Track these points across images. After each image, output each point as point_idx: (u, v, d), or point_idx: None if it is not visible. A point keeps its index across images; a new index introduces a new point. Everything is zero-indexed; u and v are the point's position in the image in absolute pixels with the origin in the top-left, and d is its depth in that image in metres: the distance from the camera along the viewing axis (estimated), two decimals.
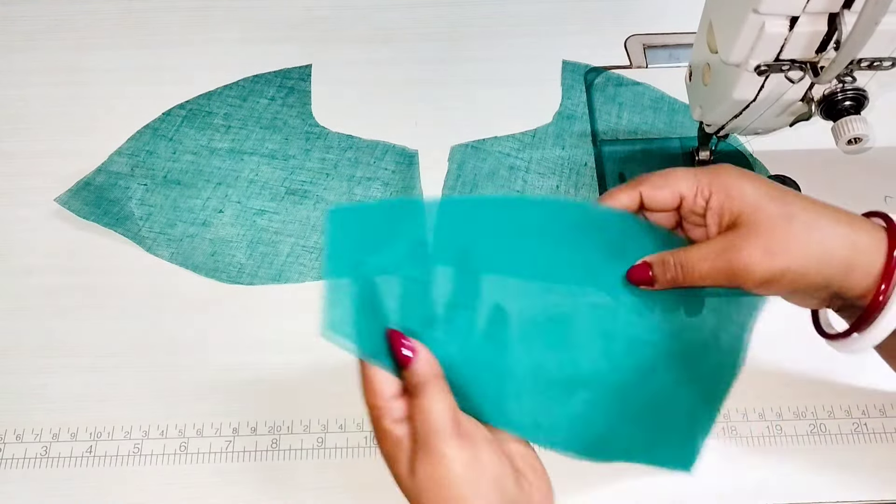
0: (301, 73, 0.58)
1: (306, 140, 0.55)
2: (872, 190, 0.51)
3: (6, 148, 0.55)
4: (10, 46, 0.60)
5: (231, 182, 0.53)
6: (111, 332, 0.49)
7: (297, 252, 0.51)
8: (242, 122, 0.56)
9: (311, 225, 0.52)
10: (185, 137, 0.55)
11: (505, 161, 0.54)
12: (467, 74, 0.58)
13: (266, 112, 0.56)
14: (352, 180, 0.54)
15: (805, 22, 0.35)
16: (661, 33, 0.59)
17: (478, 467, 0.31)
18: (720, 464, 0.44)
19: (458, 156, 0.54)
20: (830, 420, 0.45)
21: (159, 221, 0.52)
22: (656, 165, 0.53)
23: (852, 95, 0.38)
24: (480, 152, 0.54)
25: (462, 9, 0.61)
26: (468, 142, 0.54)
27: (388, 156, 0.54)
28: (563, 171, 0.54)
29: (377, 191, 0.53)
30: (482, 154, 0.54)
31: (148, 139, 0.55)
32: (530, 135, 0.55)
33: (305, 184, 0.53)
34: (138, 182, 0.53)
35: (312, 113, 0.56)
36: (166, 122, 0.56)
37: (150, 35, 0.60)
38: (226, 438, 0.45)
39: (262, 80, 0.58)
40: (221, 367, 0.47)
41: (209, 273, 0.50)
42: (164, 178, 0.53)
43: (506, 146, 0.54)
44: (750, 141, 0.54)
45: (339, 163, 0.54)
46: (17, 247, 0.51)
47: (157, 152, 0.55)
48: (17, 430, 0.46)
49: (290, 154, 0.55)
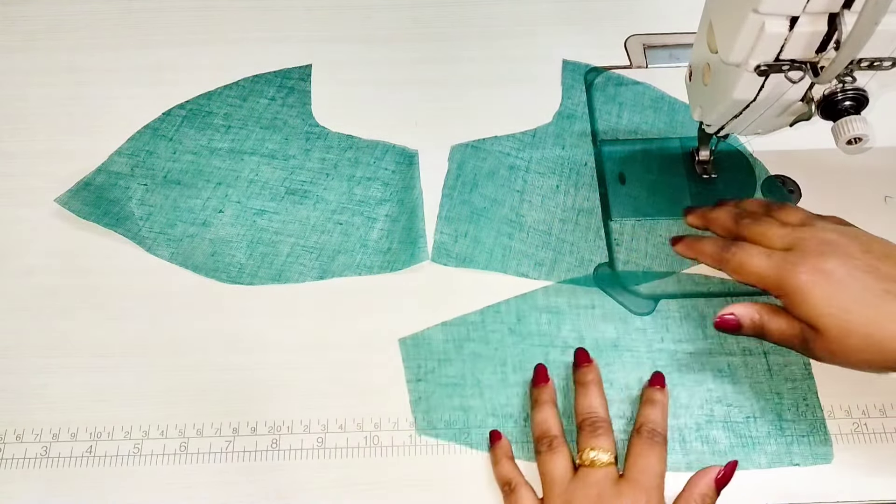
0: (301, 73, 0.58)
1: (306, 140, 0.55)
2: (872, 190, 0.51)
3: (6, 148, 0.55)
4: (10, 46, 0.60)
5: (231, 182, 0.53)
6: (111, 332, 0.49)
7: (297, 252, 0.51)
8: (242, 122, 0.56)
9: (311, 225, 0.52)
10: (185, 137, 0.55)
11: (505, 160, 0.54)
12: (467, 74, 0.58)
13: (266, 112, 0.56)
14: (352, 180, 0.53)
15: (805, 22, 0.35)
16: (661, 33, 0.59)
17: None
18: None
19: (458, 155, 0.54)
20: (830, 420, 0.45)
21: (159, 221, 0.52)
22: (656, 165, 0.53)
23: (852, 95, 0.38)
24: (480, 152, 0.54)
25: (462, 9, 0.61)
26: (468, 141, 0.54)
27: (388, 156, 0.54)
28: (563, 171, 0.54)
29: (377, 191, 0.53)
30: (482, 154, 0.54)
31: (148, 139, 0.55)
32: (530, 134, 0.55)
33: (305, 184, 0.53)
34: (138, 182, 0.53)
35: (312, 113, 0.56)
36: (166, 122, 0.56)
37: (150, 35, 0.60)
38: (226, 438, 0.45)
39: (262, 80, 0.58)
40: (221, 367, 0.47)
41: (209, 273, 0.50)
42: (164, 178, 0.53)
43: (506, 146, 0.54)
44: (750, 141, 0.54)
45: (339, 163, 0.54)
46: (17, 247, 0.51)
47: (157, 152, 0.54)
48: (17, 430, 0.46)
49: (290, 154, 0.54)
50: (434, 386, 0.46)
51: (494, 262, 0.50)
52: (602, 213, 0.52)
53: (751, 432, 0.45)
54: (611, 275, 0.49)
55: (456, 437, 0.45)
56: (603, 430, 0.42)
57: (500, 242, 0.51)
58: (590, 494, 0.39)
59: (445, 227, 0.51)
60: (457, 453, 0.44)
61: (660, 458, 0.41)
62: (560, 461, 0.41)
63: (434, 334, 0.48)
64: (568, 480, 0.40)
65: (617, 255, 0.50)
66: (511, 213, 0.52)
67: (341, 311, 0.49)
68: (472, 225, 0.51)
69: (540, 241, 0.51)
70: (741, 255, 0.43)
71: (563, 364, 0.47)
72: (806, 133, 0.52)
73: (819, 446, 0.44)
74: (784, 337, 0.42)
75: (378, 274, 0.50)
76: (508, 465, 0.43)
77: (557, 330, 0.48)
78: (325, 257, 0.51)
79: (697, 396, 0.46)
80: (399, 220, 0.52)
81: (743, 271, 0.42)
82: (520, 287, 0.49)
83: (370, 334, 0.48)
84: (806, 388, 0.46)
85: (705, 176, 0.52)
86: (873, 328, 0.38)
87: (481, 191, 0.52)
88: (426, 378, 0.46)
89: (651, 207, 0.52)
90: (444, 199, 0.52)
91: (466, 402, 0.46)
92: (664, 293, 0.49)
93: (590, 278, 0.49)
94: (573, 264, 0.50)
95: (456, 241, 0.51)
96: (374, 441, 0.45)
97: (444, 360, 0.47)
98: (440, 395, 0.46)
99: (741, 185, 0.52)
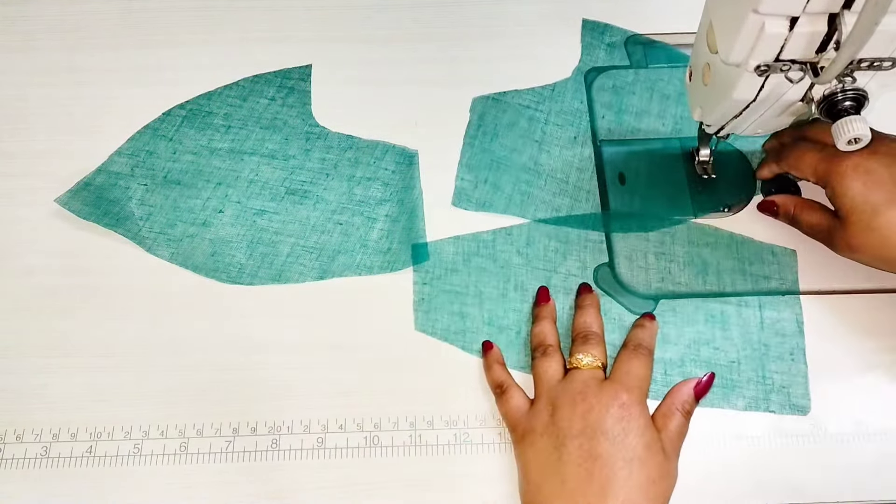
0: (301, 74, 0.58)
1: (306, 140, 0.55)
2: None
3: (6, 148, 0.55)
4: (10, 46, 0.60)
5: (231, 182, 0.53)
6: (111, 332, 0.49)
7: (297, 252, 0.51)
8: (242, 122, 0.56)
9: (311, 225, 0.52)
10: (185, 137, 0.55)
11: (524, 113, 0.56)
12: (467, 74, 0.58)
13: (266, 112, 0.56)
14: (352, 180, 0.53)
15: (805, 22, 0.35)
16: (661, 33, 0.59)
17: None
18: (720, 464, 0.44)
19: (480, 107, 0.56)
20: (831, 420, 0.45)
21: (159, 221, 0.52)
22: (656, 165, 0.53)
23: (852, 95, 0.38)
24: (501, 104, 0.56)
25: (462, 8, 0.61)
26: (489, 94, 0.56)
27: (388, 156, 0.54)
28: (580, 123, 0.55)
29: (377, 190, 0.53)
30: (502, 106, 0.56)
31: (148, 139, 0.55)
32: (549, 88, 0.57)
33: (305, 184, 0.53)
34: (138, 182, 0.53)
35: (312, 113, 0.56)
36: (166, 122, 0.56)
37: (150, 35, 0.60)
38: (226, 438, 0.45)
39: (262, 80, 0.58)
40: (221, 367, 0.47)
41: (209, 273, 0.50)
42: (164, 179, 0.53)
43: (525, 98, 0.56)
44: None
45: (339, 163, 0.54)
46: (17, 247, 0.51)
47: (157, 152, 0.54)
48: (17, 430, 0.46)
49: (290, 154, 0.55)
50: (438, 291, 0.49)
51: (513, 207, 0.52)
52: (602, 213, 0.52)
53: (732, 376, 0.46)
54: (612, 274, 0.50)
55: (452, 338, 0.48)
56: (594, 341, 0.45)
57: (518, 189, 0.53)
58: (574, 390, 0.42)
59: (466, 173, 0.53)
60: (457, 453, 0.44)
61: (643, 365, 0.44)
62: (552, 364, 0.44)
63: (445, 246, 0.50)
64: (557, 381, 0.43)
65: (617, 255, 0.50)
66: (530, 161, 0.54)
67: (341, 311, 0.49)
68: (492, 172, 0.53)
69: (557, 188, 0.53)
70: (797, 150, 0.46)
71: (562, 289, 0.49)
72: None
73: (798, 399, 0.46)
74: (813, 228, 0.47)
75: (378, 274, 0.50)
76: (499, 369, 0.46)
77: (563, 259, 0.50)
78: (325, 257, 0.51)
79: (686, 336, 0.47)
80: (399, 220, 0.52)
81: (801, 163, 0.46)
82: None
83: (370, 334, 0.48)
84: (794, 344, 0.47)
85: (705, 176, 0.52)
86: (893, 230, 0.42)
87: (501, 140, 0.54)
88: (431, 283, 0.49)
89: (651, 208, 0.52)
90: (465, 148, 0.54)
91: (466, 309, 0.49)
92: (664, 293, 0.49)
93: (598, 217, 0.51)
94: (589, 210, 0.52)
95: (476, 187, 0.53)
96: (374, 441, 0.45)
97: (452, 269, 0.50)
98: (442, 300, 0.49)
99: (741, 185, 0.52)
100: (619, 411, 0.40)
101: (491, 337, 0.48)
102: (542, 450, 0.40)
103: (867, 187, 0.42)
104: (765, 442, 0.45)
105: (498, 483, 0.44)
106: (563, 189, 0.53)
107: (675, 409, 0.43)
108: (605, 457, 0.39)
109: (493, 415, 0.46)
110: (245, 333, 0.48)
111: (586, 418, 0.40)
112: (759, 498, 0.43)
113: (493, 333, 0.48)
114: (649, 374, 0.44)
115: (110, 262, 0.51)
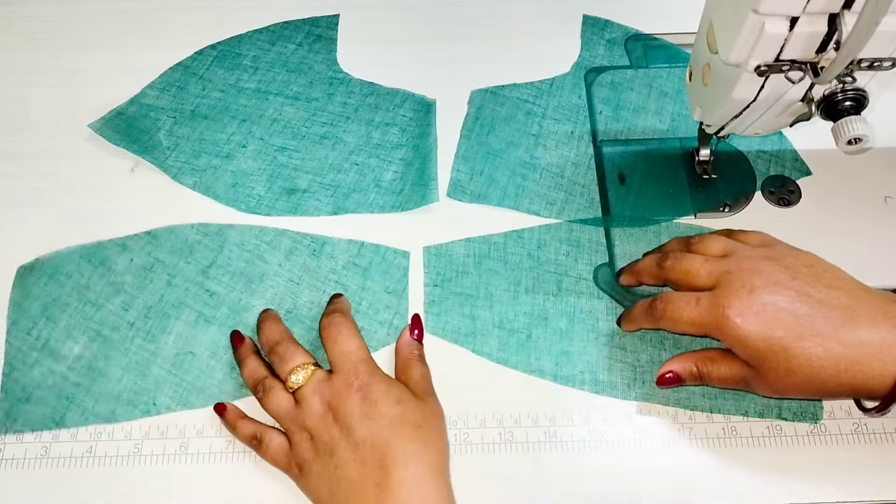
0: (329, 22, 0.61)
1: (329, 84, 0.58)
2: (872, 190, 0.51)
3: (6, 148, 0.55)
4: (10, 46, 0.60)
5: (255, 119, 0.56)
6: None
7: (313, 188, 0.53)
8: (270, 64, 0.59)
9: (329, 164, 0.54)
10: (215, 76, 0.58)
11: (522, 107, 0.56)
12: (468, 74, 0.58)
13: (293, 56, 0.59)
14: (371, 124, 0.56)
15: (805, 22, 0.35)
16: (661, 33, 0.59)
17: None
18: (720, 464, 0.44)
19: (478, 100, 0.57)
20: (830, 420, 0.45)
21: (185, 152, 0.54)
22: (656, 165, 0.53)
23: (852, 95, 0.38)
24: (499, 97, 0.57)
25: (463, 8, 0.61)
26: (487, 87, 0.57)
27: (406, 103, 0.57)
28: (578, 118, 0.56)
29: (394, 135, 0.55)
30: (500, 99, 0.57)
31: (179, 75, 0.58)
32: (548, 83, 0.57)
33: (326, 125, 0.56)
34: (167, 114, 0.56)
35: (337, 60, 0.59)
36: (198, 60, 0.59)
37: (150, 35, 0.60)
38: (226, 438, 0.45)
39: (290, 26, 0.61)
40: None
41: (229, 202, 0.52)
42: (192, 112, 0.56)
43: (524, 93, 0.57)
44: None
45: (359, 107, 0.57)
46: (17, 247, 0.51)
47: (188, 88, 0.57)
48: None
49: (314, 97, 0.57)
50: (448, 293, 0.49)
51: (508, 199, 0.52)
52: (602, 213, 0.52)
53: None
54: (611, 271, 0.50)
55: (462, 341, 0.47)
56: (283, 349, 0.44)
57: (513, 182, 0.53)
58: (312, 407, 0.42)
59: (462, 165, 0.54)
60: (457, 454, 0.44)
61: (348, 337, 0.44)
62: (276, 398, 0.43)
63: (456, 248, 0.51)
64: (292, 408, 0.42)
65: (617, 255, 0.50)
66: (526, 155, 0.54)
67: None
68: (488, 164, 0.54)
69: (552, 182, 0.53)
70: (670, 309, 0.41)
71: (573, 292, 0.49)
72: (806, 133, 0.52)
73: (809, 405, 0.45)
74: (725, 382, 0.42)
75: (389, 213, 0.52)
76: (245, 423, 0.44)
77: (574, 262, 0.50)
78: (340, 195, 0.53)
79: (698, 342, 0.46)
80: (413, 164, 0.54)
81: (678, 325, 0.41)
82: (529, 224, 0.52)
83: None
84: None
85: (705, 176, 0.52)
86: (815, 375, 0.38)
87: (498, 133, 0.55)
88: (442, 285, 0.49)
89: (651, 208, 0.52)
90: (462, 140, 0.55)
91: (476, 311, 0.49)
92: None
93: (598, 219, 0.51)
94: (583, 205, 0.52)
95: (471, 179, 0.53)
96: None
97: (463, 272, 0.50)
98: (452, 302, 0.49)
99: (741, 185, 0.52)
100: (359, 393, 0.41)
101: (500, 340, 0.47)
102: (322, 471, 0.40)
103: (765, 328, 0.38)
104: (765, 442, 0.45)
105: (498, 483, 0.44)
106: (559, 183, 0.53)
107: (409, 359, 0.45)
108: (371, 437, 0.40)
109: (494, 415, 0.46)
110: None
111: (338, 420, 0.41)
112: (758, 498, 0.43)
113: (503, 336, 0.47)
114: (359, 341, 0.44)
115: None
